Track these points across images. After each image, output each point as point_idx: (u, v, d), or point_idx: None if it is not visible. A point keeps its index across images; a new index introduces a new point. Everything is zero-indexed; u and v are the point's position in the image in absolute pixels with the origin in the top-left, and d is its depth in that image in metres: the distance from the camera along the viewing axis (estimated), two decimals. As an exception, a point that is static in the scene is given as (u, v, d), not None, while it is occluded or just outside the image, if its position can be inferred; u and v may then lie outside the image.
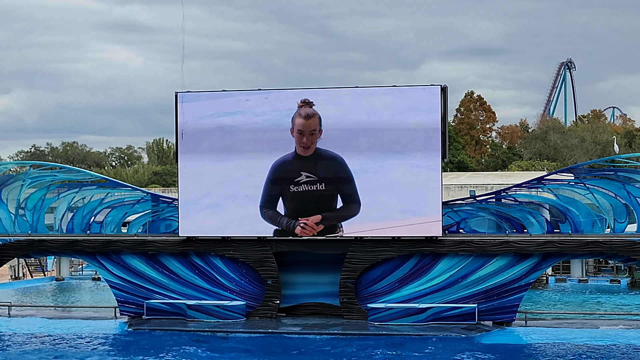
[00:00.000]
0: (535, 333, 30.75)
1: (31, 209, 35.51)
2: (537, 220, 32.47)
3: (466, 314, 31.56)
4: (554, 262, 33.36)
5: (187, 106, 33.34)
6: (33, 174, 36.17)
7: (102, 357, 27.00)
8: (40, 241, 34.83)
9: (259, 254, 33.15)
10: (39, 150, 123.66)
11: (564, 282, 48.61)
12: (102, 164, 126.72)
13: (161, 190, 72.37)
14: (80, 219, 35.33)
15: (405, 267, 32.57)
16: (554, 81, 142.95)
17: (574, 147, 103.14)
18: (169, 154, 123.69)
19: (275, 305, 33.27)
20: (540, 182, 32.93)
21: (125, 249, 34.15)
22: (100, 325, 33.23)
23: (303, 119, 32.44)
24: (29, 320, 34.34)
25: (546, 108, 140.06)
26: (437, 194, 31.76)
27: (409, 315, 31.65)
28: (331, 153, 32.41)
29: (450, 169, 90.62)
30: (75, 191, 35.71)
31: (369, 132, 32.21)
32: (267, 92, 33.23)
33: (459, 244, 32.00)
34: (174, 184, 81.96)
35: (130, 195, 35.76)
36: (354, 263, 32.53)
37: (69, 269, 53.70)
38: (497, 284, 31.83)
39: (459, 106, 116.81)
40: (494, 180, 65.87)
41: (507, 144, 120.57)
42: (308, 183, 32.45)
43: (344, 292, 32.72)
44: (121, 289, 34.32)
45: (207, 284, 33.84)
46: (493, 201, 33.33)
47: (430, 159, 31.84)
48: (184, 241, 33.68)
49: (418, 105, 31.99)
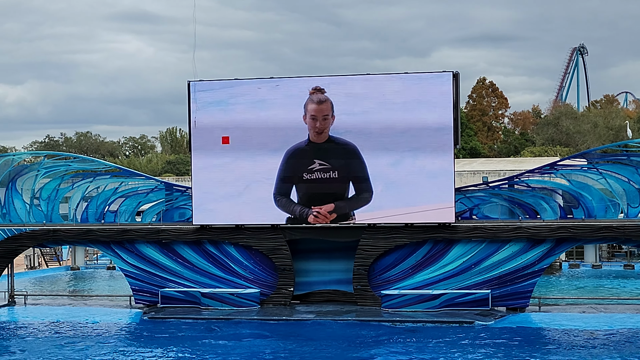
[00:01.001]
0: (549, 318, 30.79)
1: (46, 199, 35.73)
2: (550, 205, 32.46)
3: (480, 300, 31.63)
4: (567, 247, 33.37)
5: (200, 95, 33.44)
6: (47, 164, 36.39)
7: (118, 345, 27.18)
8: (55, 231, 35.04)
9: (273, 241, 33.27)
10: (53, 140, 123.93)
11: (578, 268, 48.57)
12: (116, 153, 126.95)
13: (175, 179, 72.54)
14: (95, 208, 35.50)
15: (419, 253, 32.64)
16: (566, 67, 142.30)
17: (587, 133, 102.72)
18: (182, 143, 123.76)
19: (289, 292, 33.40)
20: (552, 167, 32.89)
21: (140, 237, 34.34)
22: (115, 313, 33.46)
23: (315, 104, 32.51)
24: (45, 309, 34.61)
25: (558, 94, 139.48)
26: (449, 181, 31.80)
27: (423, 301, 31.74)
28: (344, 141, 32.46)
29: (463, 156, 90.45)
30: (90, 181, 35.89)
31: (380, 119, 32.24)
32: (279, 80, 33.30)
33: (472, 230, 32.04)
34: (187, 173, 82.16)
35: (144, 184, 35.92)
36: (367, 250, 32.61)
37: (84, 258, 53.96)
38: (511, 269, 31.88)
39: (471, 92, 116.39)
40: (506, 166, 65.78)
41: (520, 130, 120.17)
42: (321, 171, 32.53)
43: (358, 279, 32.83)
44: (136, 277, 34.53)
45: (221, 272, 34.00)
46: (506, 187, 33.33)
47: (442, 146, 31.85)
48: (198, 229, 33.81)
49: (430, 92, 31.99)
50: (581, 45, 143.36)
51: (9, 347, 27.04)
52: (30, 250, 48.02)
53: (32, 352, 25.87)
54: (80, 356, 25.15)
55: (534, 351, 25.21)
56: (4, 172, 36.01)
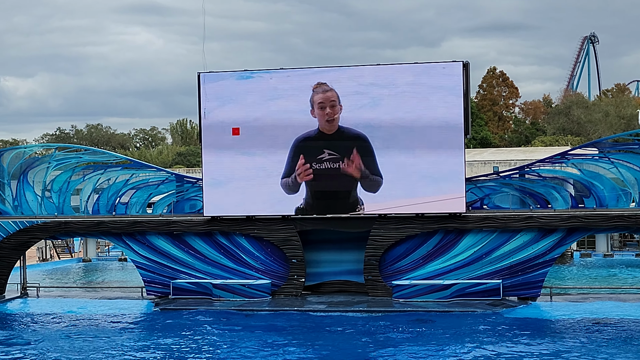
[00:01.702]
0: (561, 308, 30.77)
1: (57, 191, 35.84)
2: (561, 195, 32.40)
3: (491, 290, 31.62)
4: (579, 237, 33.30)
5: (210, 86, 33.46)
6: (58, 157, 36.50)
7: (130, 336, 27.28)
8: (66, 223, 35.15)
9: (284, 232, 33.30)
10: (63, 132, 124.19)
11: (589, 257, 48.49)
12: (127, 145, 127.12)
13: (185, 171, 72.66)
14: (106, 200, 35.61)
15: (429, 243, 32.64)
16: (577, 56, 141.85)
17: (598, 122, 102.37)
18: (192, 135, 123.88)
19: (300, 283, 33.45)
20: (564, 157, 32.81)
21: (151, 229, 34.42)
22: (127, 305, 33.57)
23: (321, 93, 32.56)
24: (57, 301, 34.77)
25: (569, 83, 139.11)
26: (460, 171, 31.76)
27: (434, 291, 31.74)
28: (354, 131, 32.44)
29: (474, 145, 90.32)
30: (100, 173, 35.98)
31: (390, 109, 32.21)
32: (289, 71, 33.29)
33: (483, 220, 32.01)
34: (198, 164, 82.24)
35: (155, 176, 35.99)
36: (378, 240, 32.62)
37: (95, 250, 54.13)
38: (522, 259, 31.85)
39: (482, 82, 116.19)
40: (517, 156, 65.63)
41: (530, 119, 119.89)
42: (330, 160, 32.53)
43: (369, 270, 32.85)
44: (147, 269, 34.63)
45: (233, 263, 34.07)
46: (517, 177, 33.26)
47: (453, 136, 31.81)
48: (209, 221, 33.87)
49: (440, 82, 31.93)
50: (592, 34, 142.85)
51: (23, 338, 27.17)
52: (42, 242, 48.16)
53: (45, 344, 25.98)
54: (93, 347, 25.25)
55: (546, 341, 25.20)
56: (15, 164, 36.13)
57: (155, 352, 24.63)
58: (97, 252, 54.35)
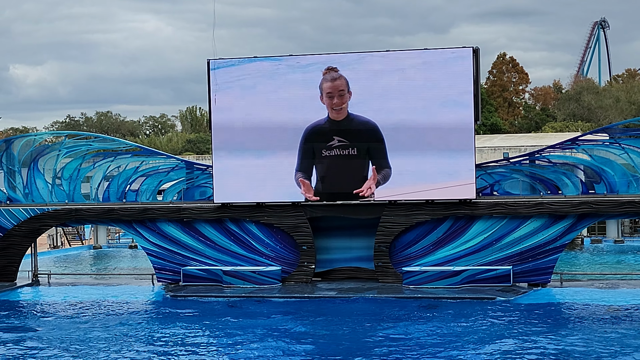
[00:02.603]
0: (571, 294, 30.74)
1: (67, 179, 35.92)
2: (571, 181, 32.32)
3: (501, 276, 31.60)
4: (589, 223, 33.21)
5: (219, 73, 33.44)
6: (69, 144, 36.57)
7: (141, 323, 27.35)
8: (77, 210, 35.24)
9: (294, 219, 33.33)
10: (73, 120, 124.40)
11: (600, 243, 48.37)
12: (136, 132, 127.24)
13: (195, 158, 72.69)
14: (116, 187, 35.69)
15: (440, 230, 32.62)
16: (587, 41, 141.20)
17: (609, 107, 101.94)
18: (202, 122, 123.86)
19: (310, 270, 33.49)
20: (574, 142, 32.72)
21: (161, 216, 34.49)
22: (138, 292, 33.68)
23: (330, 81, 32.51)
24: (68, 288, 34.90)
25: (580, 68, 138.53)
26: (470, 157, 31.71)
27: (444, 278, 31.75)
28: (363, 118, 32.41)
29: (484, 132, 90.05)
30: (111, 160, 36.04)
31: (400, 95, 32.17)
32: (298, 57, 33.24)
33: (493, 206, 31.97)
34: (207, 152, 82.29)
35: (165, 163, 36.03)
36: (388, 227, 32.62)
37: (106, 237, 54.26)
38: (532, 245, 31.81)
39: (491, 68, 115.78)
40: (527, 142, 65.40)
41: (541, 105, 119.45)
42: (340, 148, 32.51)
43: (379, 256, 32.86)
44: (158, 256, 34.71)
45: (243, 250, 34.12)
46: (527, 163, 33.20)
47: (462, 122, 31.75)
48: (219, 208, 33.92)
49: (450, 68, 31.86)
50: (602, 19, 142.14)
51: (34, 326, 27.29)
52: (52, 229, 48.31)
53: (56, 331, 26.07)
54: (105, 334, 25.33)
55: (556, 327, 25.17)
56: (25, 152, 36.22)
57: (166, 338, 24.68)
58: (107, 240, 54.49)
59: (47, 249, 50.43)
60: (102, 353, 22.77)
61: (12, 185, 36.37)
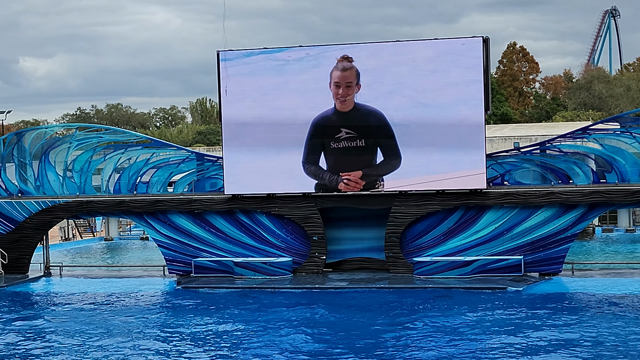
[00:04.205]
0: (582, 284, 30.68)
1: (78, 171, 36.02)
2: (582, 170, 32.25)
3: (512, 266, 31.57)
4: (601, 212, 33.16)
5: (229, 64, 33.44)
6: (79, 136, 36.67)
7: (154, 314, 27.42)
8: (88, 202, 35.33)
9: (304, 210, 33.34)
10: (84, 112, 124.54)
11: (611, 232, 48.27)
12: (147, 124, 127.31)
13: (205, 150, 72.69)
14: (127, 179, 35.77)
15: (450, 220, 32.59)
16: (598, 30, 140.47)
17: (620, 96, 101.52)
18: (212, 113, 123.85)
19: (321, 260, 33.51)
20: (585, 132, 32.63)
21: (172, 208, 34.53)
22: (150, 283, 33.77)
23: (340, 71, 32.47)
24: (80, 280, 35.00)
25: (590, 57, 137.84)
26: (480, 147, 31.65)
27: (455, 268, 31.73)
28: (370, 108, 32.37)
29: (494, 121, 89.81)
30: (121, 152, 36.12)
31: (410, 86, 32.13)
32: (308, 48, 33.22)
33: (504, 196, 31.92)
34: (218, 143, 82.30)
35: (175, 155, 36.10)
36: (398, 217, 32.61)
37: (117, 229, 54.39)
38: (543, 235, 31.76)
39: (501, 58, 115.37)
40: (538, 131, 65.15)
41: (551, 94, 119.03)
42: (348, 139, 32.48)
43: (390, 247, 32.86)
44: (169, 247, 34.77)
45: (254, 241, 34.15)
46: (538, 152, 33.12)
47: (473, 112, 31.70)
48: (230, 199, 33.96)
49: (460, 57, 31.80)
50: (613, 8, 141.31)
51: (46, 317, 27.39)
52: (64, 221, 48.44)
53: (68, 323, 26.16)
54: (118, 326, 25.41)
55: (567, 316, 25.13)
56: (36, 145, 36.32)
57: (177, 329, 24.74)
58: (118, 231, 54.62)
59: (58, 241, 50.57)
60: (117, 344, 22.84)
61: (24, 178, 36.49)
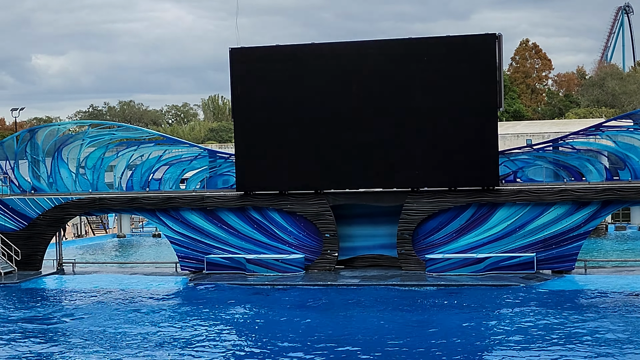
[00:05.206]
0: (595, 281, 30.58)
1: (91, 168, 36.12)
2: (595, 167, 32.16)
3: (525, 263, 31.51)
4: (614, 209, 33.04)
5: (241, 62, 33.44)
6: (92, 133, 36.76)
7: (166, 311, 27.48)
8: (100, 199, 35.42)
9: (317, 207, 33.34)
10: (96, 109, 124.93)
11: (624, 230, 48.13)
12: (159, 121, 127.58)
13: (217, 147, 72.85)
14: (139, 176, 35.84)
15: (463, 217, 32.54)
16: (611, 26, 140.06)
17: (633, 93, 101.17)
18: (224, 110, 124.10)
19: (333, 257, 33.51)
20: (598, 129, 32.53)
21: (184, 205, 34.58)
22: (162, 280, 33.82)
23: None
24: (93, 277, 35.10)
25: (603, 54, 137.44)
26: (493, 144, 31.59)
27: (467, 265, 31.68)
28: (383, 105, 32.36)
29: (506, 118, 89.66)
30: (134, 149, 36.20)
31: (422, 83, 32.09)
32: (320, 45, 33.21)
33: (516, 193, 31.84)
34: (230, 140, 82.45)
35: (188, 152, 36.16)
36: (410, 214, 32.58)
37: (129, 226, 54.56)
38: (556, 232, 31.68)
39: (514, 55, 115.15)
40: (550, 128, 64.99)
41: (564, 91, 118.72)
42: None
43: (402, 244, 32.84)
44: (181, 244, 34.83)
45: (266, 238, 34.17)
46: (550, 149, 33.04)
47: (485, 109, 31.65)
48: (242, 196, 33.98)
49: (472, 54, 31.75)
50: (626, 4, 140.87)
51: (60, 314, 27.48)
52: (77, 218, 48.61)
53: (82, 319, 26.26)
54: (131, 322, 25.48)
55: (580, 314, 25.09)
56: (49, 142, 36.45)
57: (190, 326, 24.80)
58: (131, 228, 54.79)
59: (71, 237, 50.75)
60: (130, 341, 22.91)
61: (37, 175, 36.61)
